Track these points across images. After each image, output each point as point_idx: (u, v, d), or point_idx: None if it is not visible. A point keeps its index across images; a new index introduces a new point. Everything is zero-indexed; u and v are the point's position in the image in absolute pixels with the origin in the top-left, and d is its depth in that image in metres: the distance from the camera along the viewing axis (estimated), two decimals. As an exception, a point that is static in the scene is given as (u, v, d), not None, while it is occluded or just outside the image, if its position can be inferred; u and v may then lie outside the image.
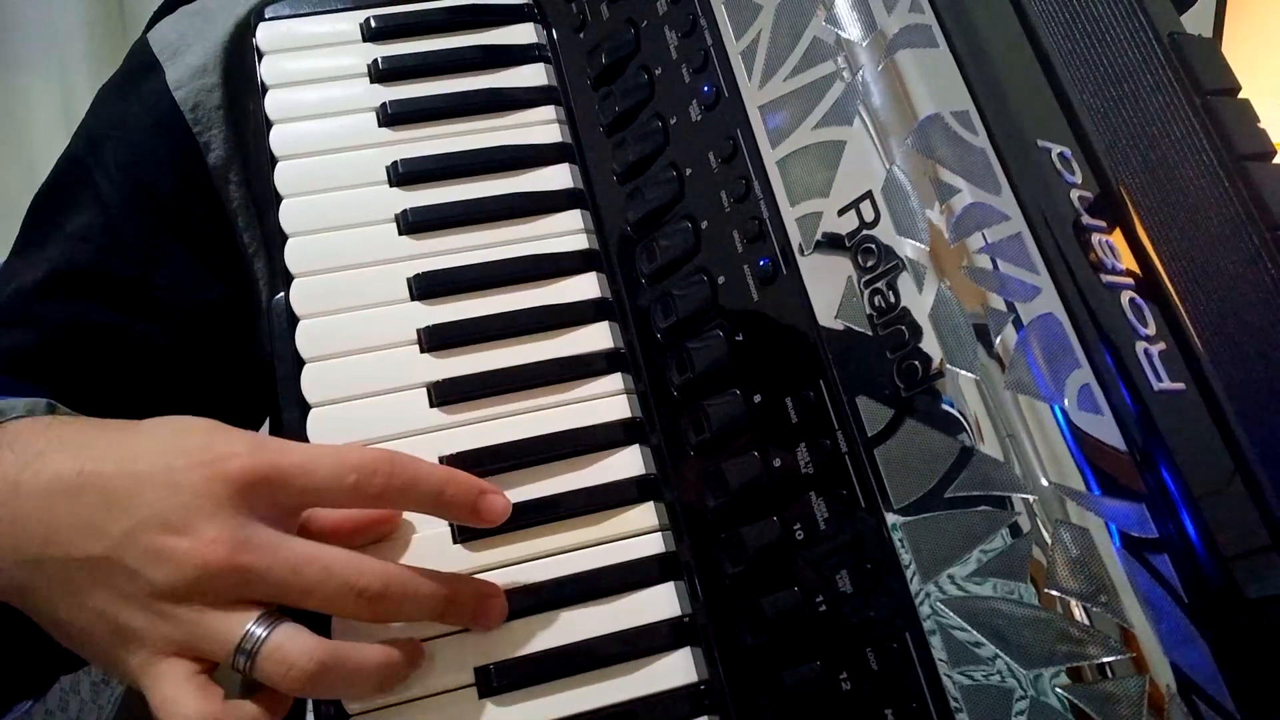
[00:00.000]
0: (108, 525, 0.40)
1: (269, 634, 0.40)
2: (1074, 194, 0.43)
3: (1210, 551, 0.37)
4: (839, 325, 0.43)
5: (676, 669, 0.45)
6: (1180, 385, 0.40)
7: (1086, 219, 0.42)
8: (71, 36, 1.40)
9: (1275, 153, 0.47)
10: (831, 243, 0.44)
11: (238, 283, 0.59)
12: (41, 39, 1.41)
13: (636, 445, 0.49)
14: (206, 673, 0.40)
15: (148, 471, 0.40)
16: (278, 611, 0.41)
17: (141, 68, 0.58)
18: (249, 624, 0.40)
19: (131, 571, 0.40)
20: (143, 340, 0.56)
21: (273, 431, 0.62)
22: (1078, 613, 0.36)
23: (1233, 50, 1.02)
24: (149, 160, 0.57)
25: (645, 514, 0.48)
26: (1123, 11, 0.48)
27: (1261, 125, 0.47)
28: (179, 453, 0.41)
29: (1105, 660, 0.35)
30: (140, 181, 0.56)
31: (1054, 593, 0.36)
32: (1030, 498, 0.37)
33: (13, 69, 1.40)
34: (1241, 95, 0.48)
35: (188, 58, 0.58)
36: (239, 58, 0.57)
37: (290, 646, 0.40)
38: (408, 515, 0.47)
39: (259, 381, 0.57)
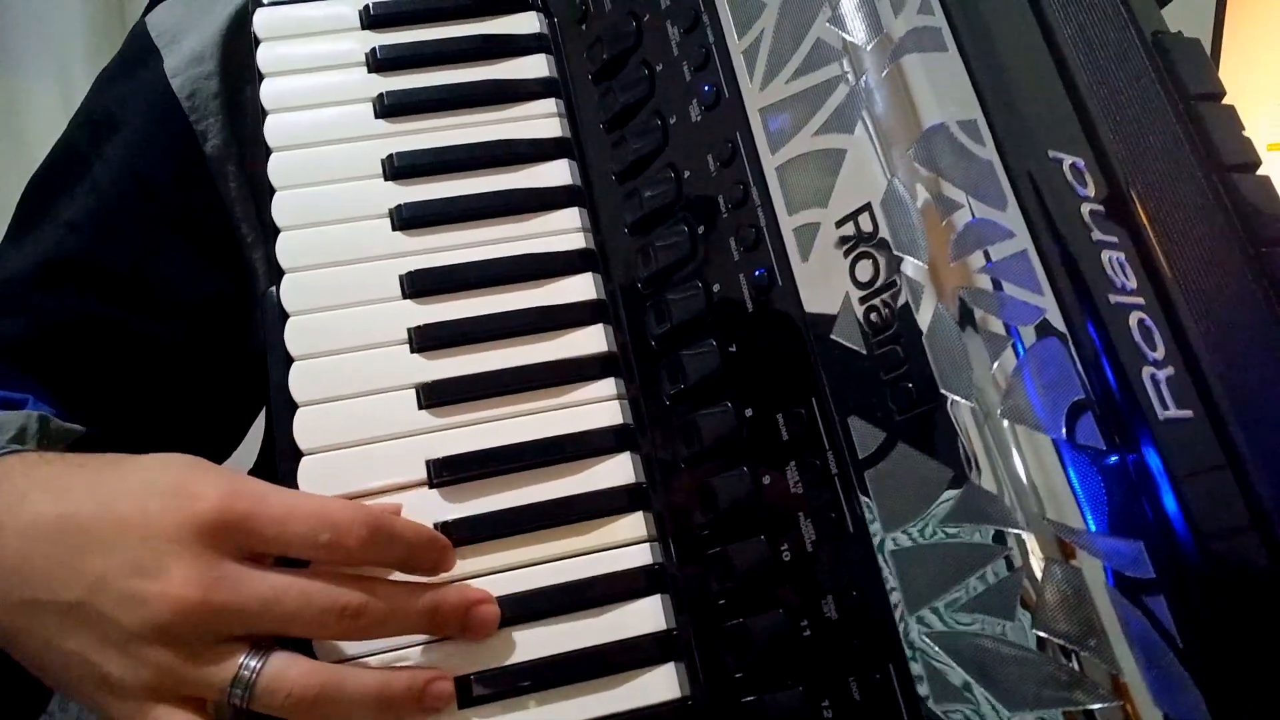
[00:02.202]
0: (82, 570, 0.39)
1: (263, 664, 0.39)
2: (1085, 208, 0.41)
3: (1214, 593, 0.35)
4: (833, 341, 0.41)
5: (660, 684, 0.45)
6: (1188, 412, 0.39)
7: (1097, 234, 0.40)
8: (71, 36, 1.40)
9: (1260, 164, 0.45)
10: (828, 255, 0.42)
11: (235, 274, 0.58)
12: (41, 39, 1.40)
13: (627, 453, 0.48)
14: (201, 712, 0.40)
15: (123, 514, 0.40)
16: (267, 642, 0.40)
17: (139, 54, 0.57)
18: (240, 657, 0.39)
19: (106, 617, 0.39)
20: (137, 332, 0.55)
21: (266, 428, 0.62)
22: (1066, 656, 0.34)
23: (1233, 50, 0.99)
24: (146, 149, 0.56)
25: (634, 524, 0.47)
26: (1109, 9, 0.46)
27: (1245, 133, 0.45)
28: (155, 494, 0.40)
29: (1093, 708, 0.34)
30: (136, 170, 0.56)
31: (1042, 633, 0.35)
32: (1023, 533, 0.36)
33: (13, 69, 1.40)
34: (1227, 100, 0.46)
35: (185, 45, 0.56)
36: (237, 46, 0.56)
37: (289, 673, 0.39)
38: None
39: (256, 373, 0.56)
